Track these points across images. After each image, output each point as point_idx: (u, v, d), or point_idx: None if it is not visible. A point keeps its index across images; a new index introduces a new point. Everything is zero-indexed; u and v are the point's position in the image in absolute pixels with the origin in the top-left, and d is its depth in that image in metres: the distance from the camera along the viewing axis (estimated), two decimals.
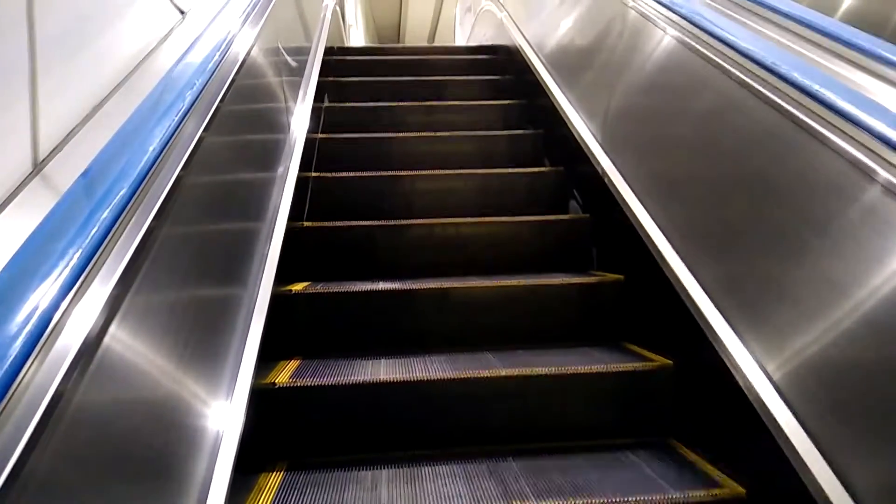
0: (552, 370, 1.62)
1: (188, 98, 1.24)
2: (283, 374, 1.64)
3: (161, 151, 1.05)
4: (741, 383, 1.32)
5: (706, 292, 1.51)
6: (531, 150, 3.02)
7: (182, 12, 1.77)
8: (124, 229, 0.91)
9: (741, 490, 1.33)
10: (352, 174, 2.61)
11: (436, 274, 2.15)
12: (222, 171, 1.48)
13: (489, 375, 1.61)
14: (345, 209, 2.50)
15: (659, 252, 1.71)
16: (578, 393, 1.67)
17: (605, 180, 2.15)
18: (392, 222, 2.30)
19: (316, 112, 2.90)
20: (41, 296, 0.73)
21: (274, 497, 1.36)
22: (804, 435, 1.16)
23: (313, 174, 2.59)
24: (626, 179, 2.03)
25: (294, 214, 2.06)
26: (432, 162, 2.78)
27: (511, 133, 3.11)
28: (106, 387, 0.81)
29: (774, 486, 1.25)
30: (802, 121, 1.27)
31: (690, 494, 1.32)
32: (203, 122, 1.28)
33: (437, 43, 14.35)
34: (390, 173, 2.64)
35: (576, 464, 1.48)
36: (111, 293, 0.82)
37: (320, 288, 1.95)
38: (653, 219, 1.82)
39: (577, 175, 2.55)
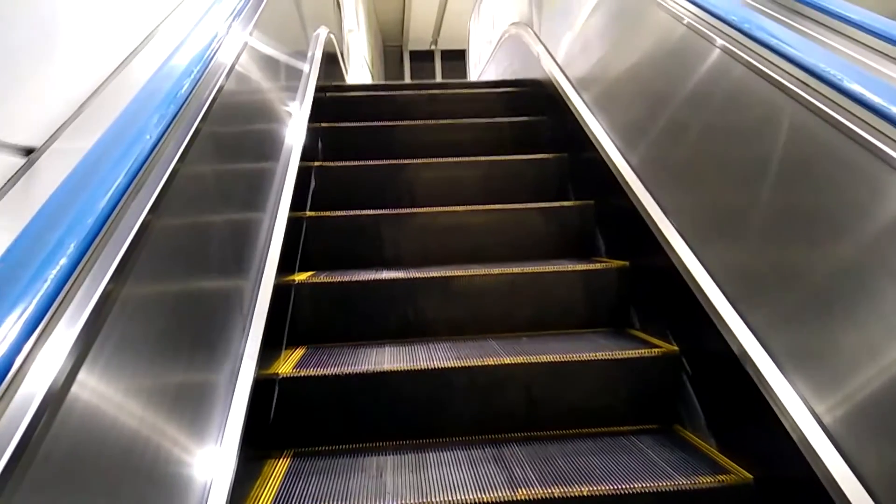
0: (557, 357, 1.61)
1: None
2: (287, 365, 1.64)
3: None
4: (748, 369, 1.30)
5: (713, 279, 1.49)
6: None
7: (27, 152, 1.10)
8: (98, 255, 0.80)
9: (748, 476, 1.31)
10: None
11: None
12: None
13: (494, 363, 1.60)
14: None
15: (665, 238, 1.70)
16: (583, 380, 1.66)
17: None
18: None
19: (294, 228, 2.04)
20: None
21: (280, 484, 1.36)
22: (812, 419, 1.15)
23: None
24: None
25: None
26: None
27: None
28: (89, 413, 0.74)
29: (782, 472, 1.24)
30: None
31: (698, 480, 1.31)
32: None
33: (443, 38, 14.23)
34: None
35: (581, 451, 1.48)
36: (86, 321, 0.73)
37: (324, 277, 1.95)
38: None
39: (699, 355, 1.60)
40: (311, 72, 2.95)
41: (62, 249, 0.75)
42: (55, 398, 0.66)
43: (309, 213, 2.29)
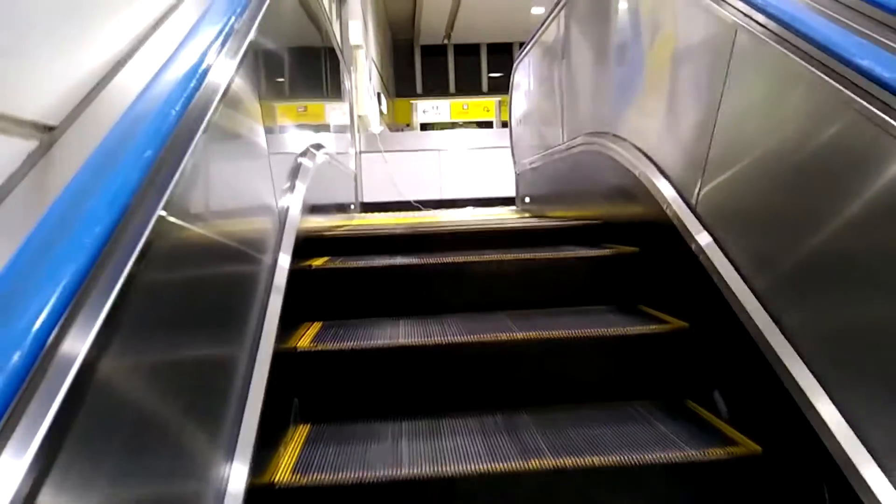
0: (568, 333, 1.65)
1: None
2: (305, 339, 1.68)
3: None
4: (757, 341, 1.32)
5: (722, 250, 1.51)
6: None
7: None
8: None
9: (757, 448, 1.34)
10: None
11: None
12: None
13: (507, 339, 1.64)
14: None
15: (677, 217, 1.71)
16: (595, 355, 1.69)
17: None
18: None
19: None
20: None
21: (299, 453, 1.40)
22: (821, 391, 1.16)
23: None
24: None
25: None
26: None
27: None
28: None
29: (791, 444, 1.26)
30: None
31: (707, 452, 1.34)
32: None
33: (457, 32, 13.90)
34: None
35: (592, 423, 1.50)
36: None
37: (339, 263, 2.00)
38: None
39: None
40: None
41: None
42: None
43: None
